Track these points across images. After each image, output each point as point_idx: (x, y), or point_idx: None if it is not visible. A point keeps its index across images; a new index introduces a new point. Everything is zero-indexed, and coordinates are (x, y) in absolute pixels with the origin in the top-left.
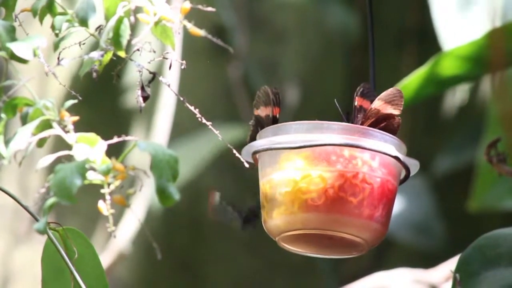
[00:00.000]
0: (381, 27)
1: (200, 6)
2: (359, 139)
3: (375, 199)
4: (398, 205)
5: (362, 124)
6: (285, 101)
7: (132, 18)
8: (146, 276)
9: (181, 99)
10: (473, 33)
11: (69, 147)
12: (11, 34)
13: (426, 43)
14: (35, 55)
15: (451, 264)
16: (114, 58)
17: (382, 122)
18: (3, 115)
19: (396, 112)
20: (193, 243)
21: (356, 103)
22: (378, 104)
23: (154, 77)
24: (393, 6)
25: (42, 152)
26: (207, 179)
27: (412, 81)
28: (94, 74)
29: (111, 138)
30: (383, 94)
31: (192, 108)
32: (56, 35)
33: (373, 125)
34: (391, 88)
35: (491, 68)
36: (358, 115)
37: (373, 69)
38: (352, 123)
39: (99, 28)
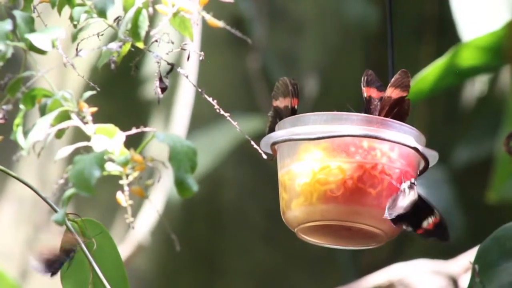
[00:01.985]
0: (400, 17)
1: None
2: (378, 130)
3: (394, 190)
4: None
5: (379, 115)
6: (304, 92)
7: (150, 9)
8: (164, 267)
9: (200, 90)
10: (492, 24)
11: (87, 138)
12: (30, 25)
13: (445, 34)
14: (53, 46)
15: (470, 255)
16: (133, 49)
17: (395, 108)
18: (22, 106)
19: (404, 93)
20: (211, 234)
21: (365, 95)
22: (390, 91)
23: (172, 68)
24: None
25: (61, 143)
26: (225, 170)
27: (431, 72)
28: (113, 65)
29: (130, 129)
30: (392, 80)
31: (210, 99)
32: (75, 26)
33: (388, 112)
34: (398, 72)
35: (510, 59)
36: (371, 107)
37: (391, 60)
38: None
39: (118, 19)
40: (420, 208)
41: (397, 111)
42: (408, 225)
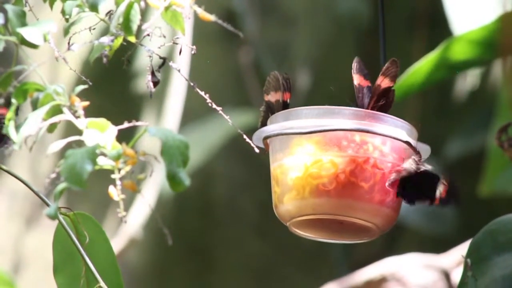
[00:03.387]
0: (392, 11)
1: None
2: (370, 124)
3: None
4: None
5: (369, 103)
6: (296, 86)
7: (142, 3)
8: (157, 261)
9: (192, 84)
10: (484, 17)
11: (79, 132)
12: (22, 19)
13: (437, 27)
14: (45, 40)
15: (462, 249)
16: (124, 44)
17: (382, 98)
18: (13, 100)
19: (391, 84)
20: (204, 228)
21: (355, 82)
22: (380, 80)
23: (164, 62)
24: None
25: (53, 138)
26: (218, 164)
27: (423, 65)
28: (105, 60)
29: (122, 123)
30: (383, 68)
31: (202, 93)
32: (66, 20)
33: (376, 102)
34: (389, 60)
35: (502, 53)
36: (359, 95)
37: (384, 54)
38: (356, 102)
39: (109, 13)
40: (430, 181)
41: (384, 102)
42: (425, 201)
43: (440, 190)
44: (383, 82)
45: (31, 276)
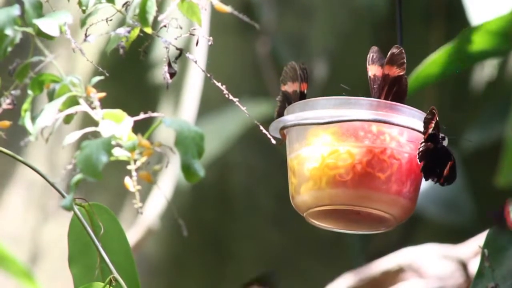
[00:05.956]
0: (409, 1)
1: None
2: (387, 115)
3: (403, 175)
4: None
5: (380, 94)
6: (313, 76)
7: None
8: (174, 252)
9: (208, 75)
10: (502, 7)
11: (95, 123)
12: (38, 10)
13: (454, 17)
14: (61, 31)
15: (480, 239)
16: (141, 35)
17: (394, 87)
18: (30, 92)
19: (401, 72)
20: (220, 219)
21: (369, 74)
22: (387, 69)
23: (181, 54)
24: None
25: (69, 129)
26: (234, 155)
27: (440, 56)
28: (121, 51)
29: (138, 114)
30: (388, 57)
31: (219, 84)
32: (83, 11)
33: (388, 92)
34: (392, 48)
35: None
36: (374, 86)
37: (400, 44)
38: (372, 94)
39: (126, 4)
40: (443, 159)
41: (396, 90)
42: (434, 177)
43: (447, 168)
44: (391, 70)
45: (49, 267)
